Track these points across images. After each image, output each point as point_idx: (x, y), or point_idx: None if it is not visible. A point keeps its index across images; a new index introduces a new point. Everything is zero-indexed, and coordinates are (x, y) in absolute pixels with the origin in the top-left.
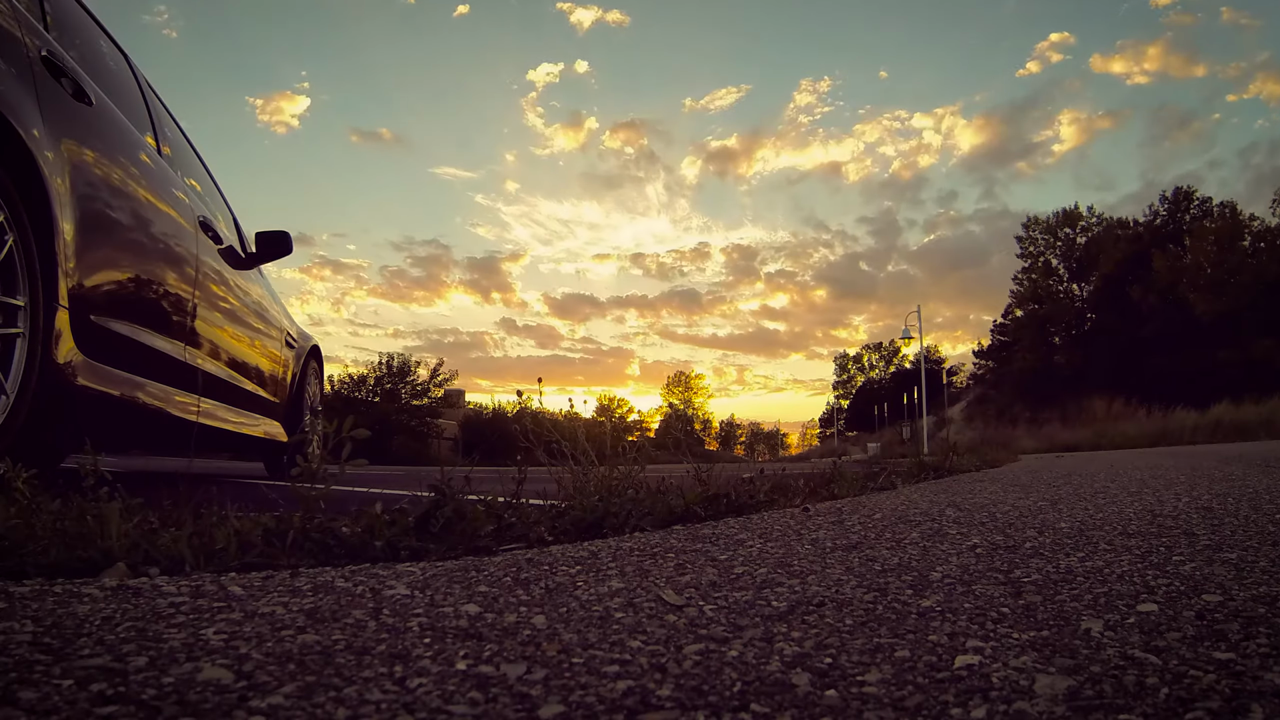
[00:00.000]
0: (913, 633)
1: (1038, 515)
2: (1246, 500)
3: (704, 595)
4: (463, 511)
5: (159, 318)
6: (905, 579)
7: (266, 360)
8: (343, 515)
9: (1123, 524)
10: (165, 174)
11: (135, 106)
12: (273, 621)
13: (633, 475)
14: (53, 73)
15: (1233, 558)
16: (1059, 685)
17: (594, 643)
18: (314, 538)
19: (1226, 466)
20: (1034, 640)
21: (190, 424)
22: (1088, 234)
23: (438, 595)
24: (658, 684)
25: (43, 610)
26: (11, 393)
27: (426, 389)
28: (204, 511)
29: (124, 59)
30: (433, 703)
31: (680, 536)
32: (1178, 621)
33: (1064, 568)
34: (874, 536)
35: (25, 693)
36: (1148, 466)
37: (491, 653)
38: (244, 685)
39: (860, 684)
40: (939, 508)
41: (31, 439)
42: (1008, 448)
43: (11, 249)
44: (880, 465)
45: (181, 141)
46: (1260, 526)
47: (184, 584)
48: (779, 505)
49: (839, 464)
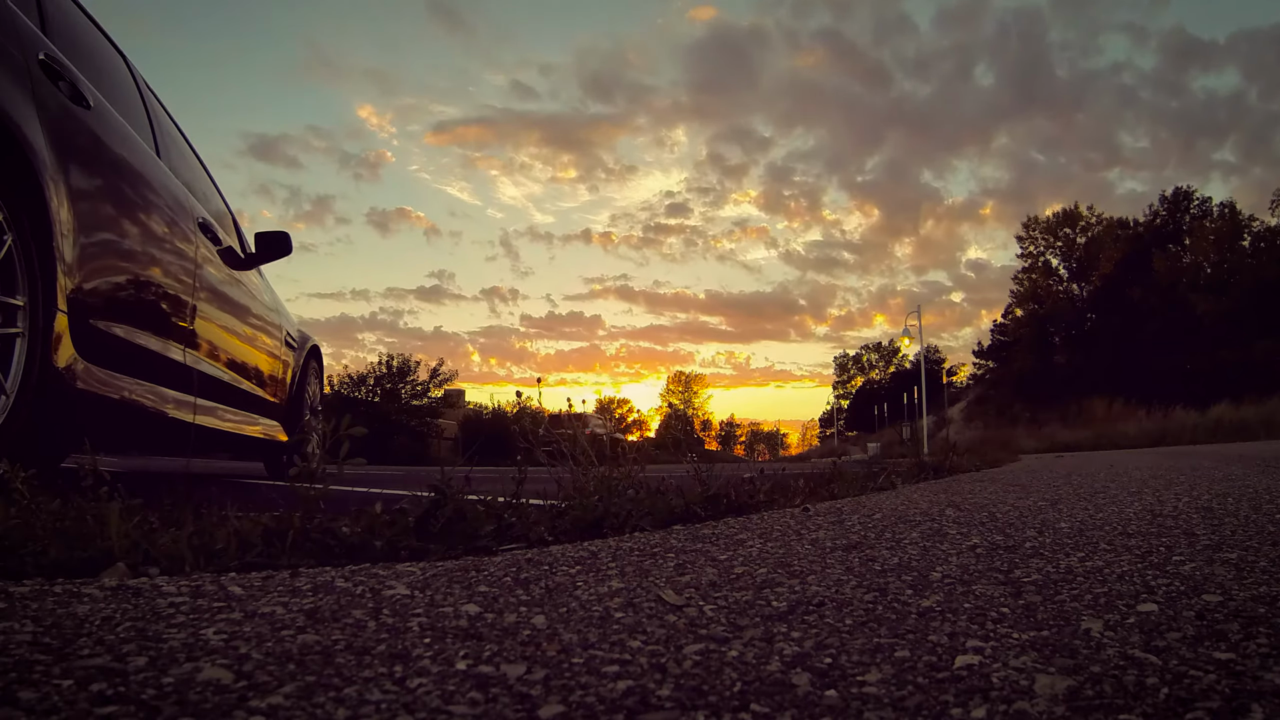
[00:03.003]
0: (913, 633)
1: (1038, 515)
2: (1246, 500)
3: (704, 595)
4: (463, 511)
5: (158, 319)
6: (905, 579)
7: (266, 360)
8: (343, 515)
9: (1123, 524)
10: (163, 175)
11: (133, 108)
12: (273, 621)
13: (633, 475)
14: (50, 75)
15: (1233, 558)
16: (1059, 685)
17: (594, 643)
18: (314, 538)
19: (1226, 466)
20: (1034, 640)
21: (189, 425)
22: (1088, 234)
23: (438, 595)
24: (658, 684)
25: (43, 610)
26: (11, 393)
27: (426, 389)
28: (204, 511)
29: (122, 60)
30: (433, 703)
31: (680, 536)
32: (1178, 621)
33: (1064, 568)
34: (874, 536)
35: (25, 693)
36: (1148, 466)
37: (491, 653)
38: (244, 685)
39: (860, 684)
40: (939, 508)
41: (31, 439)
42: (1008, 448)
43: (10, 250)
44: (880, 465)
45: (180, 142)
46: (1260, 526)
47: (184, 584)
48: (779, 505)
49: (839, 464)
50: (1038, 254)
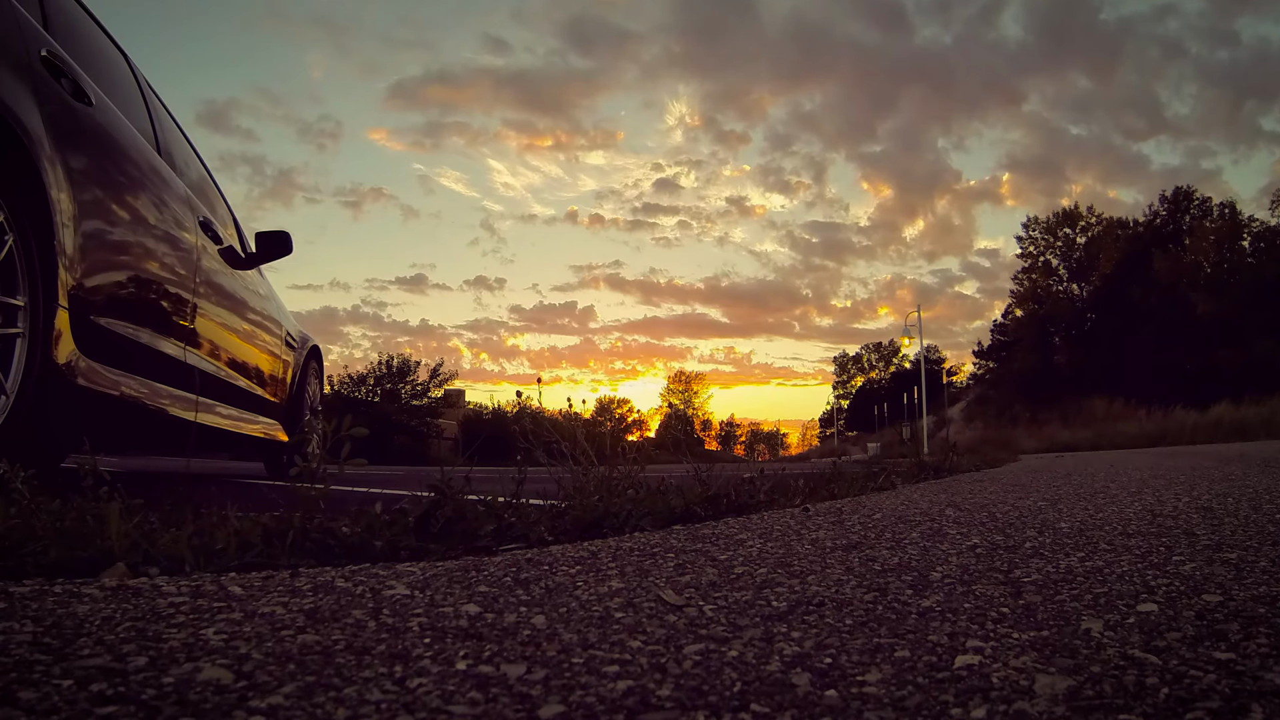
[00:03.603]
0: (913, 633)
1: (1038, 515)
2: (1246, 500)
3: (704, 595)
4: (463, 511)
5: (159, 318)
6: (905, 579)
7: (266, 360)
8: (343, 515)
9: (1123, 524)
10: (165, 174)
11: (135, 106)
12: (273, 621)
13: (633, 475)
14: (52, 72)
15: (1233, 558)
16: (1059, 685)
17: (594, 643)
18: (314, 538)
19: (1226, 466)
20: (1034, 640)
21: (190, 424)
22: (1088, 234)
23: (438, 595)
24: (658, 684)
25: (43, 610)
26: (11, 393)
27: (426, 389)
28: (204, 511)
29: (123, 58)
30: (433, 703)
31: (680, 536)
32: (1178, 621)
33: (1064, 568)
34: (874, 536)
35: (25, 693)
36: (1148, 466)
37: (491, 653)
38: (244, 685)
39: (860, 684)
40: (939, 508)
41: (31, 438)
42: (1008, 448)
43: (11, 249)
44: (880, 465)
45: (181, 141)
46: (1260, 526)
47: (184, 584)
48: (779, 505)
49: (839, 464)
50: (1037, 254)
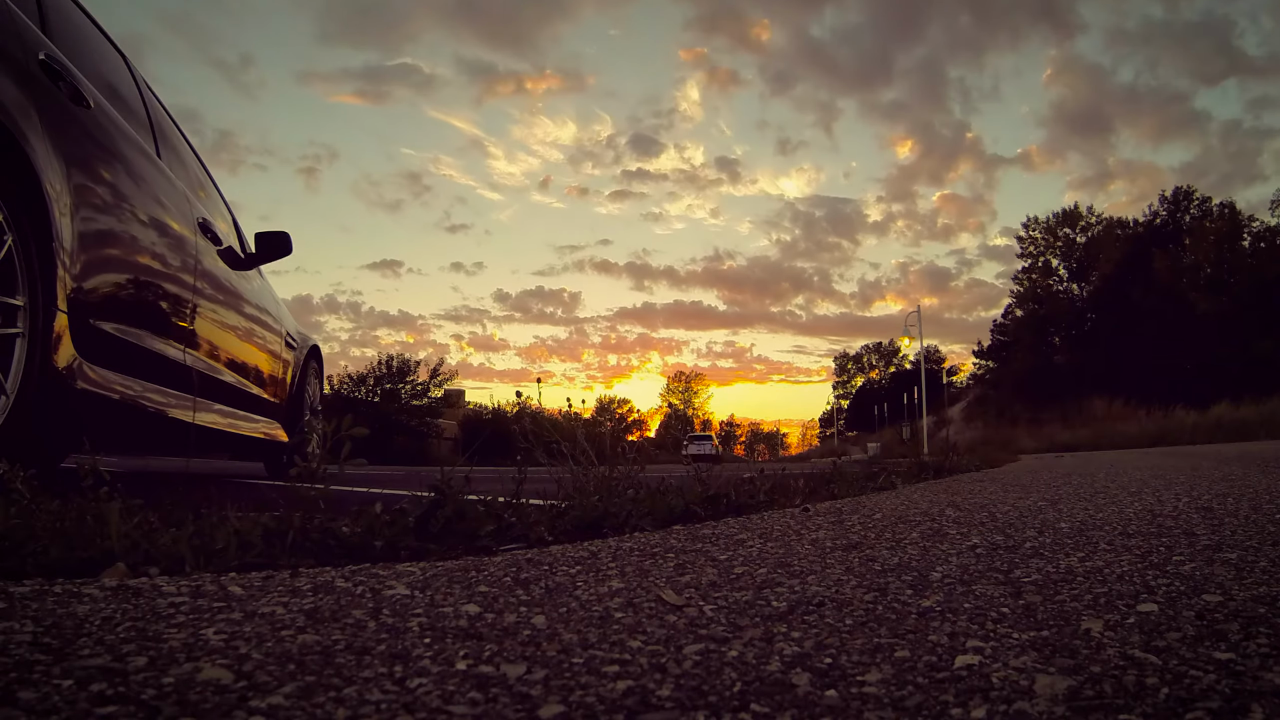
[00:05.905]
0: (913, 633)
1: (1038, 515)
2: (1246, 500)
3: (704, 595)
4: (463, 511)
5: (158, 319)
6: (905, 579)
7: (266, 361)
8: (343, 515)
9: (1123, 524)
10: (164, 175)
11: (134, 108)
12: (273, 621)
13: (633, 475)
14: (50, 75)
15: (1233, 558)
16: (1059, 685)
17: (594, 643)
18: (314, 538)
19: (1226, 466)
20: (1034, 640)
21: (189, 424)
22: (1088, 234)
23: (438, 595)
24: (658, 684)
25: (43, 610)
26: (11, 393)
27: (426, 389)
28: (204, 511)
29: (122, 60)
30: (433, 703)
31: (680, 536)
32: (1178, 621)
33: (1064, 568)
34: (874, 536)
35: (25, 693)
36: (1148, 466)
37: (491, 653)
38: (244, 685)
39: (860, 684)
40: (939, 508)
41: (31, 439)
42: (1007, 448)
43: (10, 250)
44: (880, 465)
45: (180, 142)
46: (1260, 526)
47: (184, 584)
48: (779, 505)
49: (839, 464)
50: (1037, 254)
